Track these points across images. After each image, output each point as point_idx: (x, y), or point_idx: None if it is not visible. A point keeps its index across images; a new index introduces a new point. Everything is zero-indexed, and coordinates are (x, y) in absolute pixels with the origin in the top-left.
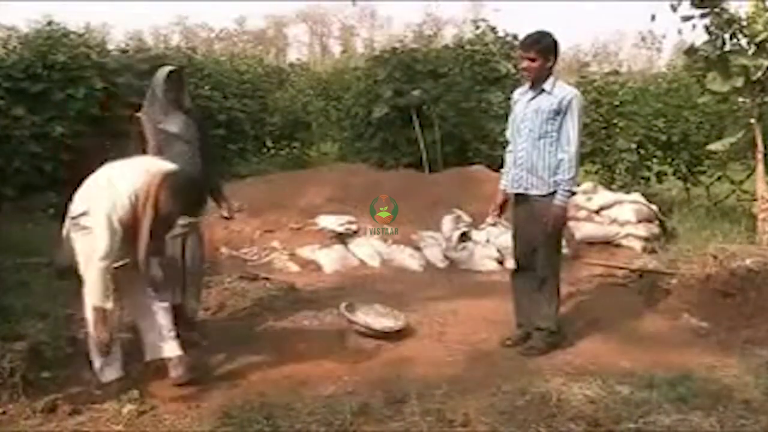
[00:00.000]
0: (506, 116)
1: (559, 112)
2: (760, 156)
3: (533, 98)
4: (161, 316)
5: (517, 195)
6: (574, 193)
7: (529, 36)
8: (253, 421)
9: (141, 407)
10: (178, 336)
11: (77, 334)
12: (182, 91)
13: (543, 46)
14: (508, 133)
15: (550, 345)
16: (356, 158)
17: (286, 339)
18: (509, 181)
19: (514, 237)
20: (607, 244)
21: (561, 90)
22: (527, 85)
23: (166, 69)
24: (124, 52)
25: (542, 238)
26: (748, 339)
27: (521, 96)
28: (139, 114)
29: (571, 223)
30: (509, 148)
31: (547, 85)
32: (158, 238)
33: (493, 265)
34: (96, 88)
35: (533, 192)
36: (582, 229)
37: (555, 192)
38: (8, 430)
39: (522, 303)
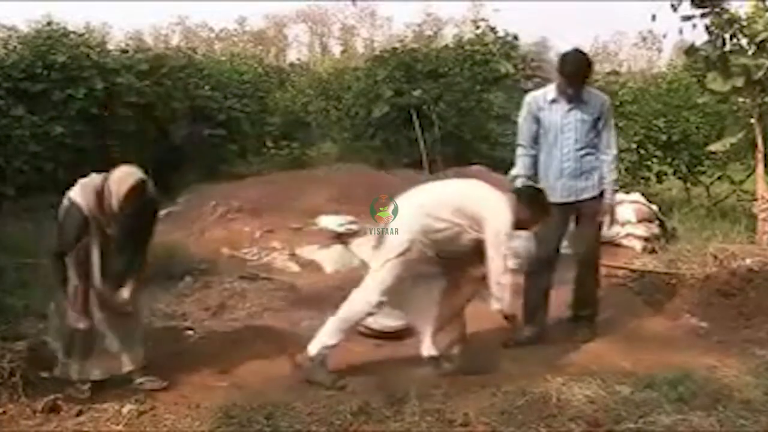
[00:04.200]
0: (506, 116)
1: (600, 119)
2: (760, 156)
3: (572, 108)
4: None
5: (562, 203)
6: (616, 191)
7: (564, 59)
8: (254, 421)
9: (141, 407)
10: None
11: None
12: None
13: (578, 71)
14: (525, 139)
15: (592, 333)
16: (356, 158)
17: (286, 339)
18: (558, 191)
19: (540, 241)
20: (607, 244)
21: (594, 97)
22: (552, 93)
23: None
24: (124, 52)
25: (592, 234)
26: (748, 339)
27: (549, 104)
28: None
29: None
30: (524, 152)
31: (583, 95)
32: None
33: None
34: (96, 88)
35: (584, 196)
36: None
37: (602, 193)
38: (8, 430)
39: (536, 303)
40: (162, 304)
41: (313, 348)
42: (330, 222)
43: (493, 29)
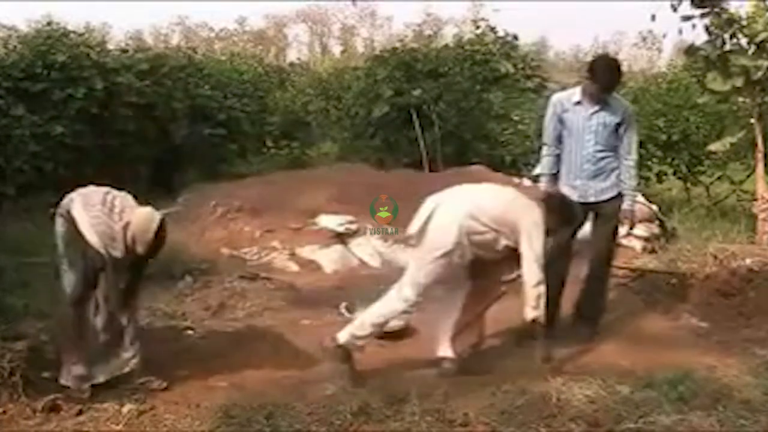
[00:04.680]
0: (506, 116)
1: (621, 124)
2: (760, 156)
3: (596, 112)
4: None
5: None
6: (635, 197)
7: (597, 66)
8: (254, 421)
9: (141, 407)
10: None
11: None
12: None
13: (610, 80)
14: (549, 139)
15: (594, 333)
16: (356, 158)
17: (286, 339)
18: (577, 190)
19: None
20: None
21: (617, 102)
22: (577, 95)
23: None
24: (124, 51)
25: (607, 235)
26: (747, 339)
27: (573, 106)
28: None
29: None
30: (549, 151)
31: (608, 100)
32: None
33: None
34: (96, 88)
35: (602, 197)
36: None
37: (620, 194)
38: (8, 430)
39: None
40: (162, 304)
41: (342, 336)
42: (330, 222)
43: (493, 29)
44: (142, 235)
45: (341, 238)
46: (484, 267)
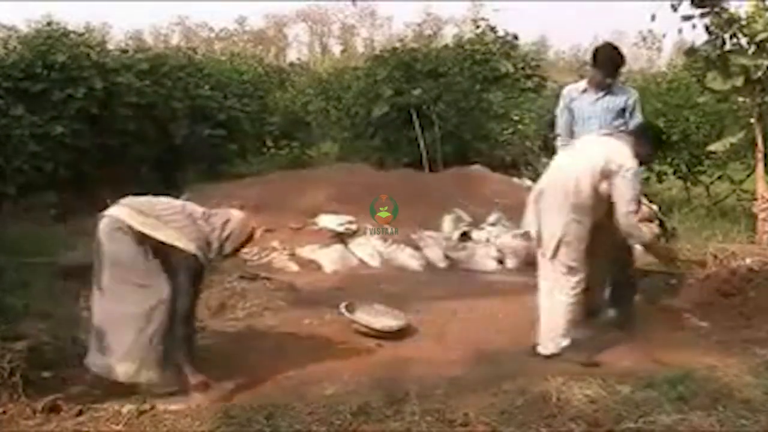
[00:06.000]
0: (506, 116)
1: (625, 110)
2: (760, 156)
3: (600, 98)
4: None
5: None
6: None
7: (599, 53)
8: (254, 421)
9: (141, 407)
10: None
11: (78, 334)
12: None
13: (613, 63)
14: (562, 129)
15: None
16: (356, 158)
17: (286, 339)
18: None
19: None
20: None
21: (621, 90)
22: (583, 85)
23: None
24: (124, 51)
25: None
26: (748, 339)
27: (579, 94)
28: None
29: None
30: (562, 141)
31: (613, 88)
32: None
33: (494, 265)
34: (96, 88)
35: None
36: None
37: None
38: (8, 430)
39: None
40: None
41: (548, 348)
42: (329, 222)
43: (493, 29)
44: (239, 236)
45: (341, 237)
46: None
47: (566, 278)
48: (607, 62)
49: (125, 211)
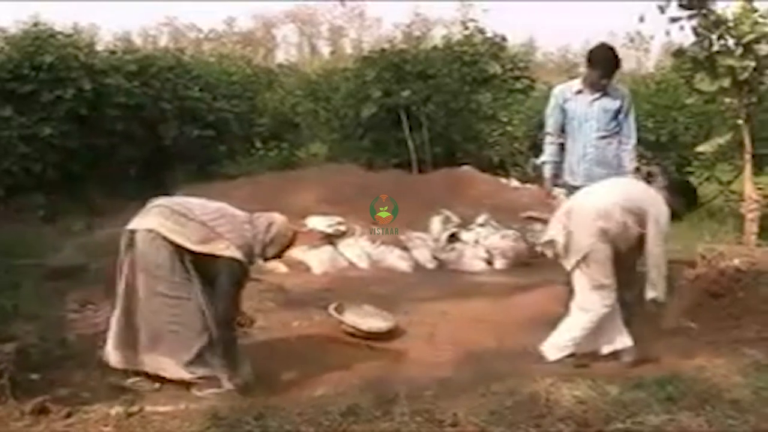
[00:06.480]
0: (494, 117)
1: (620, 111)
2: (747, 157)
3: (597, 99)
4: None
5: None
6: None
7: (596, 53)
8: (243, 422)
9: (130, 409)
10: None
11: (67, 335)
12: None
13: (611, 63)
14: (552, 128)
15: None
16: (345, 159)
17: (275, 340)
18: (580, 176)
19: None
20: None
21: (616, 91)
22: (577, 85)
23: None
24: (113, 53)
25: None
26: (736, 339)
27: (574, 95)
28: None
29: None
30: (551, 140)
31: (608, 88)
32: None
33: (482, 266)
34: (84, 89)
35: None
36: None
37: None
38: None
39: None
40: None
41: (554, 354)
42: (319, 223)
43: (481, 30)
44: (282, 239)
45: (330, 239)
46: (617, 258)
47: (597, 294)
48: (603, 63)
49: (168, 226)
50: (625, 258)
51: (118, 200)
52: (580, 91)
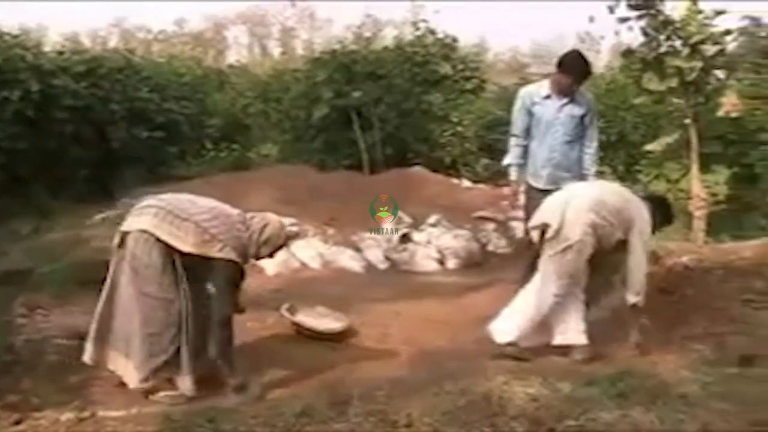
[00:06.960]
0: (445, 117)
1: (586, 115)
2: (694, 155)
3: (565, 105)
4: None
5: (545, 190)
6: None
7: (570, 59)
8: (196, 425)
9: (81, 414)
10: None
11: (14, 341)
12: None
13: (583, 70)
14: (518, 130)
15: None
16: (297, 160)
17: None
18: (543, 179)
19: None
20: None
21: (582, 95)
22: (545, 89)
23: None
24: (61, 53)
25: None
26: (685, 335)
27: (542, 100)
28: None
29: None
30: (517, 142)
31: (575, 94)
32: None
33: (434, 266)
34: (32, 90)
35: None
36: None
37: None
38: None
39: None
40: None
41: (503, 337)
42: None
43: (432, 31)
44: (276, 239)
45: None
46: (595, 262)
47: (556, 284)
48: (576, 69)
49: (162, 228)
50: (605, 262)
51: (66, 202)
52: (548, 96)
